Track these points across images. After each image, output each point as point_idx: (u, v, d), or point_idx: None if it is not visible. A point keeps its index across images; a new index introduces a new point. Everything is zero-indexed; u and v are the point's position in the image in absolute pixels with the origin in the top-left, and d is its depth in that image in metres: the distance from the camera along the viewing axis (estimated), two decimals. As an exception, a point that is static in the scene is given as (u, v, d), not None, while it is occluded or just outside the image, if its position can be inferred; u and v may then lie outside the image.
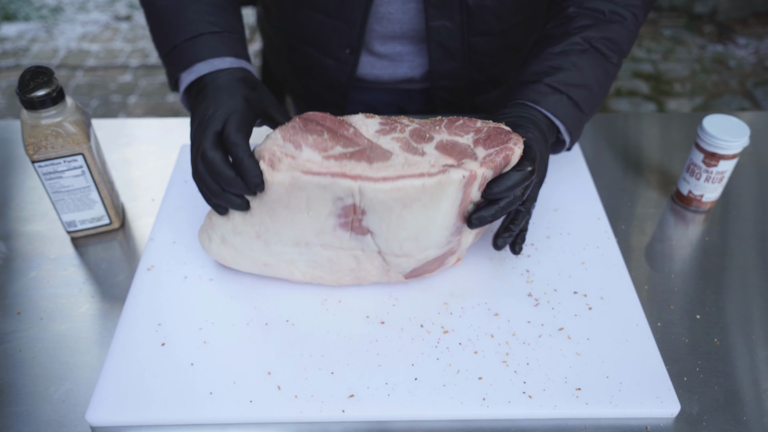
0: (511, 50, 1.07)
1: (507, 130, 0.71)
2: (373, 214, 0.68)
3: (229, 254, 0.75)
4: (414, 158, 0.68)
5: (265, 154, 0.67)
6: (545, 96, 0.79)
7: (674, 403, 0.66)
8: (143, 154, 1.02)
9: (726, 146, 0.85)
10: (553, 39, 0.84)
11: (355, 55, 1.01)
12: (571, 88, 0.80)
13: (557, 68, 0.81)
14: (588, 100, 0.82)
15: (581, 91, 0.81)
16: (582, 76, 0.81)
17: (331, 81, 1.08)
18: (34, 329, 0.75)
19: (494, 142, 0.69)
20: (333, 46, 1.01)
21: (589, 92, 0.82)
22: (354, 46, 1.00)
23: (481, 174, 0.67)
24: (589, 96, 0.82)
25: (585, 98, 0.81)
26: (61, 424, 0.66)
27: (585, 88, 0.81)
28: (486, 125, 0.72)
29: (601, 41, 0.83)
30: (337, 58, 1.03)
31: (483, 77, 1.09)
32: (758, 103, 2.75)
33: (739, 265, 0.85)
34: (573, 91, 0.80)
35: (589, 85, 0.81)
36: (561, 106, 0.79)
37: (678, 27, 3.30)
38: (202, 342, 0.71)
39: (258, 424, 0.65)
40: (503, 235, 0.75)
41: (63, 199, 0.82)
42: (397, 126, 0.72)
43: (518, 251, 0.77)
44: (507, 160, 0.69)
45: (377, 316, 0.75)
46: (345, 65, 1.03)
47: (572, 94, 0.80)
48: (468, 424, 0.66)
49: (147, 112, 2.72)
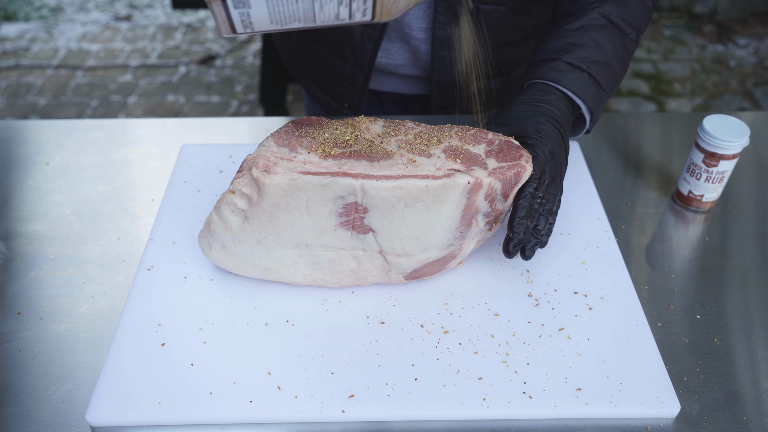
0: (521, 32, 1.04)
1: (517, 145, 0.72)
2: (375, 212, 0.68)
3: (230, 260, 0.75)
4: (420, 159, 0.68)
5: (259, 161, 0.67)
6: (565, 74, 0.77)
7: (674, 403, 0.66)
8: (143, 154, 1.01)
9: (726, 146, 0.85)
10: (569, 15, 0.81)
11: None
12: (591, 65, 0.77)
13: (576, 45, 0.78)
14: (608, 77, 0.79)
15: (601, 68, 0.78)
16: (602, 53, 0.78)
17: (354, 56, 1.03)
18: (34, 329, 0.75)
19: (506, 157, 0.70)
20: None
21: (610, 69, 0.79)
22: None
23: (488, 184, 0.68)
24: (609, 73, 0.79)
25: (605, 75, 0.79)
26: (61, 424, 0.66)
27: (605, 65, 0.79)
28: (497, 138, 0.73)
29: (619, 16, 0.80)
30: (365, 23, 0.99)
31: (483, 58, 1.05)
32: (758, 103, 2.75)
33: (739, 265, 0.85)
34: (593, 68, 0.77)
35: (609, 62, 0.79)
36: (582, 84, 0.77)
37: (678, 27, 3.30)
38: (202, 342, 0.71)
39: (258, 424, 0.65)
40: (531, 245, 0.72)
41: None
42: (401, 128, 0.73)
43: (529, 256, 0.73)
44: (518, 177, 0.70)
45: (377, 317, 0.75)
46: (373, 30, 0.99)
47: (593, 72, 0.77)
48: (468, 425, 0.66)
49: (147, 112, 2.72)
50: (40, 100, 2.77)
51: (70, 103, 2.76)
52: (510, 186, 0.70)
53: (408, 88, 1.12)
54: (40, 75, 2.94)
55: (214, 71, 2.99)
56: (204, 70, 2.99)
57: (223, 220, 0.72)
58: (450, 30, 0.98)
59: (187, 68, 3.00)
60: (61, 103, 2.76)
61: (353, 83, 1.07)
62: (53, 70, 2.98)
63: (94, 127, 1.07)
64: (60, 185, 0.95)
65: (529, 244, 0.72)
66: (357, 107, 1.10)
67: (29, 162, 0.99)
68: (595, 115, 0.80)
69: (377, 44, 1.01)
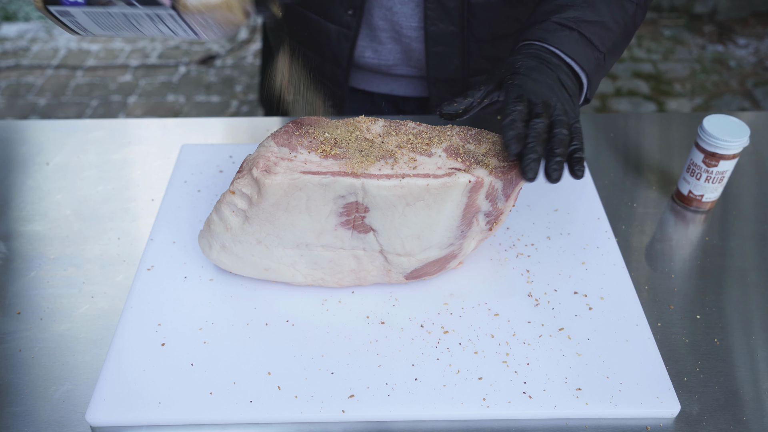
0: (516, 23, 1.02)
1: None
2: (376, 211, 0.68)
3: (230, 260, 0.75)
4: (421, 158, 0.69)
5: (260, 161, 0.67)
6: (553, 33, 0.74)
7: (674, 403, 0.66)
8: (143, 154, 1.01)
9: (726, 146, 0.85)
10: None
11: (358, 18, 0.97)
12: (582, 24, 0.75)
13: (567, 6, 0.76)
14: (604, 38, 0.76)
15: (595, 27, 0.75)
16: (595, 13, 0.76)
17: (331, 55, 1.04)
18: (34, 329, 0.75)
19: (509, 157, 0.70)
20: (335, 6, 0.98)
21: (605, 30, 0.76)
22: (358, 5, 0.96)
23: (489, 183, 0.68)
24: (605, 34, 0.76)
25: (600, 36, 0.76)
26: (61, 424, 0.66)
27: (599, 25, 0.76)
28: (500, 138, 0.72)
29: None
30: (341, 22, 1.00)
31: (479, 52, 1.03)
32: (758, 103, 2.75)
33: (739, 265, 0.85)
34: (585, 27, 0.75)
35: (605, 23, 0.76)
36: (571, 42, 0.74)
37: (678, 27, 3.30)
38: (202, 342, 0.71)
39: (258, 424, 0.65)
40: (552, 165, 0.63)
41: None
42: (402, 128, 0.73)
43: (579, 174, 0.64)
44: (519, 177, 0.70)
45: (377, 317, 0.75)
46: (348, 30, 1.00)
47: (584, 30, 0.74)
48: (468, 425, 0.66)
49: (147, 112, 2.72)
50: (40, 100, 2.77)
51: (70, 103, 2.76)
52: (511, 185, 0.70)
53: (403, 89, 1.12)
54: (40, 75, 2.93)
55: (214, 71, 2.99)
56: (204, 70, 2.99)
57: (223, 220, 0.72)
58: (443, 26, 0.99)
59: (187, 68, 3.00)
60: (61, 103, 2.76)
61: (335, 82, 1.08)
62: (53, 70, 2.98)
63: (94, 127, 1.07)
64: (60, 185, 0.95)
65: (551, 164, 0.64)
66: (341, 106, 1.10)
67: (29, 162, 1.00)
68: (592, 77, 0.75)
69: (353, 43, 1.01)
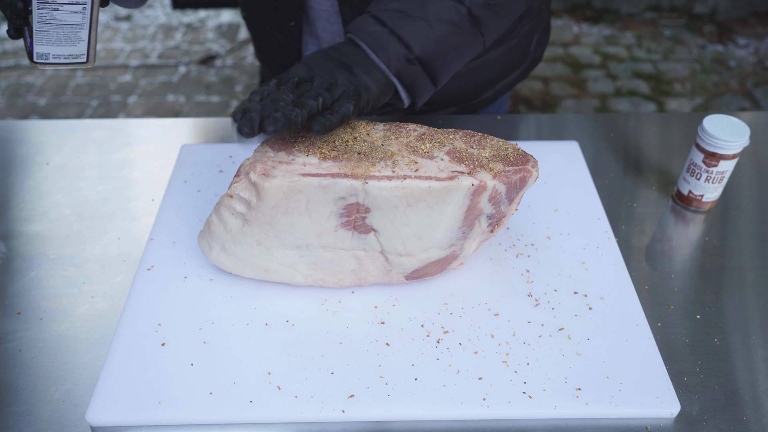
0: None
1: (523, 151, 0.72)
2: (377, 212, 0.68)
3: (230, 261, 0.75)
4: (422, 161, 0.69)
5: (257, 165, 0.67)
6: (355, 22, 0.76)
7: (674, 403, 0.66)
8: (143, 154, 1.02)
9: (726, 146, 0.85)
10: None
11: (299, 29, 0.99)
12: (381, 12, 0.75)
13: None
14: (396, 19, 0.74)
15: (393, 13, 0.74)
16: (402, 3, 0.75)
17: (285, 61, 1.06)
18: (34, 329, 0.75)
19: (513, 161, 0.70)
20: (279, 17, 1.00)
21: (408, 17, 0.74)
22: (297, 17, 0.98)
23: (492, 186, 0.68)
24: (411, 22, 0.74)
25: (395, 18, 0.74)
26: (61, 424, 0.66)
27: (399, 12, 0.75)
28: (503, 143, 0.73)
29: None
30: (286, 32, 1.01)
31: None
32: (758, 103, 2.75)
33: (739, 265, 0.85)
34: (382, 14, 0.75)
35: (405, 10, 0.75)
36: (362, 22, 0.75)
37: (678, 27, 3.30)
38: (202, 342, 0.71)
39: (258, 424, 0.65)
40: (319, 120, 0.66)
41: (47, 31, 0.73)
42: (402, 131, 0.73)
43: (318, 129, 0.66)
44: (524, 181, 0.70)
45: (377, 317, 0.75)
46: (292, 39, 1.02)
47: (380, 15, 0.74)
48: (468, 425, 0.66)
49: (147, 112, 2.72)
50: (40, 100, 2.77)
51: (70, 103, 2.76)
52: (515, 190, 0.70)
53: None
54: (40, 75, 2.93)
55: (214, 71, 2.99)
56: (204, 70, 2.99)
57: (222, 222, 0.72)
58: None
59: (187, 68, 3.00)
60: (61, 103, 2.76)
61: None
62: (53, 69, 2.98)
63: (94, 127, 1.07)
64: (60, 185, 0.95)
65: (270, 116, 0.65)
66: None
67: (29, 162, 1.00)
68: (384, 50, 0.74)
69: (299, 52, 1.04)
